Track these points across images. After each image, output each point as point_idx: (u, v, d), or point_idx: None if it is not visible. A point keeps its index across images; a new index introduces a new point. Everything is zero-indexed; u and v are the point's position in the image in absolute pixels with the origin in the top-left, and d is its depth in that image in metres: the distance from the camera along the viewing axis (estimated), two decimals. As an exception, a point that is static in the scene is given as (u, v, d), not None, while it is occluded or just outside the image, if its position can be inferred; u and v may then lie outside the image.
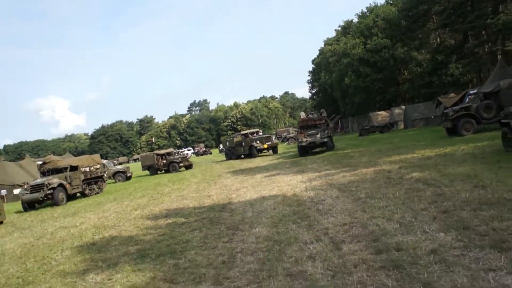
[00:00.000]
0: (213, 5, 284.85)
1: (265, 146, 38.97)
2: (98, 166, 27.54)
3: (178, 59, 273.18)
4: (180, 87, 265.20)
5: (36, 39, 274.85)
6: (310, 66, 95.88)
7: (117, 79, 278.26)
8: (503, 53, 41.83)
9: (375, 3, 69.91)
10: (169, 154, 39.22)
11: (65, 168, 24.76)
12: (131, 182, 32.82)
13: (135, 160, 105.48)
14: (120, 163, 53.86)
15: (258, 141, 38.90)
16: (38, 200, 22.77)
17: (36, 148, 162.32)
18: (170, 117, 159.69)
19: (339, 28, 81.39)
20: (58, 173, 24.58)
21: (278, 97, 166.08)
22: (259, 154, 38.69)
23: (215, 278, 5.97)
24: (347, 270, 5.33)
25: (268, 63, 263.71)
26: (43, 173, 25.20)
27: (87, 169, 26.20)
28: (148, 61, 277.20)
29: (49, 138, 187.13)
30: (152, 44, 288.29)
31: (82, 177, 25.38)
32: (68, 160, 27.36)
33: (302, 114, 35.35)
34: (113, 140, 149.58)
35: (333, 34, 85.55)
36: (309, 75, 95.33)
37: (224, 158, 46.27)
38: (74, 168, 25.00)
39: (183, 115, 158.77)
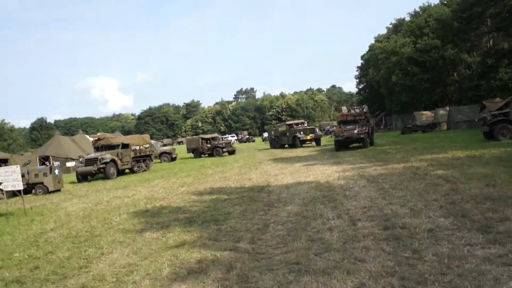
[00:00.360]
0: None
1: (308, 137, 39.47)
2: (147, 146, 29.38)
3: (227, 47, 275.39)
4: (228, 75, 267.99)
5: (90, 21, 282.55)
6: (359, 62, 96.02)
7: (166, 63, 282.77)
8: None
9: (428, 2, 69.68)
10: (213, 139, 40.91)
11: (117, 145, 26.67)
12: (176, 163, 34.57)
13: (179, 143, 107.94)
14: (165, 145, 55.79)
15: (301, 132, 39.63)
16: (91, 173, 24.73)
17: (85, 125, 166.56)
18: (216, 103, 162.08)
19: (391, 26, 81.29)
20: (111, 149, 26.50)
21: (325, 90, 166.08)
22: (302, 145, 39.34)
23: (251, 239, 7.35)
24: (357, 239, 6.62)
25: (317, 55, 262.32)
26: (97, 149, 27.18)
27: (137, 147, 28.04)
28: (198, 47, 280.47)
29: (97, 116, 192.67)
30: (202, 31, 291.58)
31: (132, 154, 27.23)
32: (120, 138, 29.38)
33: (344, 109, 36.43)
34: (159, 122, 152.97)
35: (385, 31, 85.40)
36: (357, 70, 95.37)
37: (267, 146, 47.62)
38: (125, 146, 26.86)
39: (229, 102, 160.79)
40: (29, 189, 20.12)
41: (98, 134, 45.11)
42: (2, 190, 14.38)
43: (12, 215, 13.18)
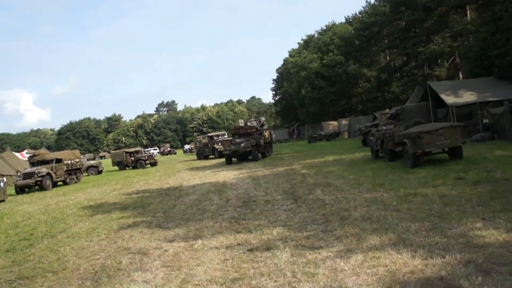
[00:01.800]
0: (182, 7, 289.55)
1: None
2: (77, 160, 33.43)
3: (147, 60, 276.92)
4: (149, 88, 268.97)
5: (3, 31, 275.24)
6: (275, 74, 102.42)
7: (84, 76, 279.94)
8: (433, 76, 49.09)
9: (333, 21, 77.02)
10: (137, 152, 45.29)
11: (52, 160, 30.60)
12: (103, 175, 38.65)
13: (101, 157, 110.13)
14: (92, 159, 59.31)
15: (220, 143, 42.30)
16: (29, 185, 28.52)
17: (1, 141, 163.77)
18: (138, 117, 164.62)
19: (302, 42, 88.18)
20: (46, 164, 30.38)
21: (245, 101, 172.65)
22: (220, 156, 41.59)
23: (164, 212, 12.24)
24: (224, 207, 11.68)
25: (237, 67, 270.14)
26: (33, 164, 30.98)
27: (69, 162, 32.05)
28: (117, 59, 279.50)
29: (12, 132, 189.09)
30: (121, 43, 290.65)
31: (65, 168, 31.24)
32: (54, 153, 33.24)
33: (241, 121, 38.41)
34: (80, 137, 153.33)
35: (297, 46, 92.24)
36: (273, 83, 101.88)
37: (187, 158, 52.21)
38: (58, 161, 30.83)
39: (150, 115, 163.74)
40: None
41: (25, 151, 48.37)
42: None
43: (-19, 216, 17.32)
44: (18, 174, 30.11)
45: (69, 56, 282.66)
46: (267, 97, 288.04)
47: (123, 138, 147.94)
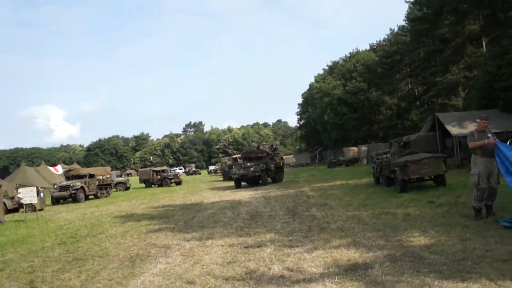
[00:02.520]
0: (211, 27, 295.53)
1: None
2: (108, 176, 36.42)
3: (175, 80, 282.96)
4: (176, 108, 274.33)
5: (35, 48, 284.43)
6: (300, 98, 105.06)
7: (114, 94, 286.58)
8: (450, 106, 51.11)
9: (357, 48, 79.63)
10: (163, 171, 48.24)
11: (85, 175, 33.61)
12: (131, 191, 41.52)
13: (127, 174, 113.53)
14: (120, 176, 62.52)
15: None
16: (64, 197, 31.49)
17: (31, 156, 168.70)
18: (165, 136, 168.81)
19: (327, 67, 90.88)
20: (79, 178, 33.36)
21: (271, 124, 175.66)
22: None
23: (185, 221, 14.75)
24: (235, 220, 14.14)
25: (264, 90, 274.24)
26: (68, 178, 34.01)
27: (100, 177, 35.00)
28: (146, 79, 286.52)
29: (43, 146, 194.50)
30: (150, 62, 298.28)
31: (97, 183, 34.15)
32: (87, 169, 36.27)
33: (253, 145, 39.01)
34: (109, 154, 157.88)
35: (322, 71, 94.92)
36: (298, 107, 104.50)
37: (211, 179, 54.87)
38: (91, 176, 33.80)
39: (177, 135, 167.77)
40: (18, 207, 26.78)
41: (58, 166, 51.58)
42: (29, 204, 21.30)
43: (27, 221, 20.09)
44: (55, 186, 33.09)
45: (98, 75, 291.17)
46: (293, 121, 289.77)
47: (151, 157, 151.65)
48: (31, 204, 26.37)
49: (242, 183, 32.01)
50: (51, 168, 49.33)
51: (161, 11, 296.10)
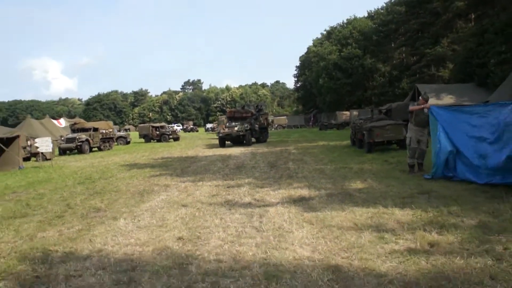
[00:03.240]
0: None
1: None
2: (111, 130, 39.25)
3: (174, 36, 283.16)
4: (176, 65, 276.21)
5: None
6: (298, 61, 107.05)
7: (112, 48, 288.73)
8: (438, 77, 53.66)
9: (354, 15, 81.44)
10: (162, 127, 51.07)
11: (90, 129, 36.37)
12: (131, 145, 44.39)
13: (126, 130, 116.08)
14: (120, 130, 65.35)
15: None
16: (71, 148, 34.28)
17: (30, 108, 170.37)
18: (164, 93, 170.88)
19: (325, 32, 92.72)
20: (84, 131, 36.12)
21: (269, 85, 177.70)
22: None
23: (181, 169, 17.63)
24: (223, 169, 17.02)
25: (264, 51, 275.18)
26: (73, 131, 36.77)
27: (104, 131, 37.80)
28: (145, 34, 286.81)
29: (41, 99, 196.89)
30: (150, 18, 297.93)
31: (100, 136, 36.97)
32: (91, 123, 39.05)
33: (238, 105, 39.85)
34: (107, 109, 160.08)
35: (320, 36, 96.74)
36: (295, 70, 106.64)
37: (208, 136, 57.75)
38: (95, 129, 36.57)
39: (176, 92, 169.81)
40: (29, 157, 29.63)
41: (62, 119, 54.23)
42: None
43: (43, 168, 22.97)
44: (62, 138, 35.88)
45: (97, 28, 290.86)
46: (291, 83, 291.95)
47: (149, 113, 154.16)
48: (42, 153, 29.36)
49: (226, 143, 32.96)
50: (55, 121, 52.06)
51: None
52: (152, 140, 49.60)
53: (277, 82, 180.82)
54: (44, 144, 23.20)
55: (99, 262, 6.08)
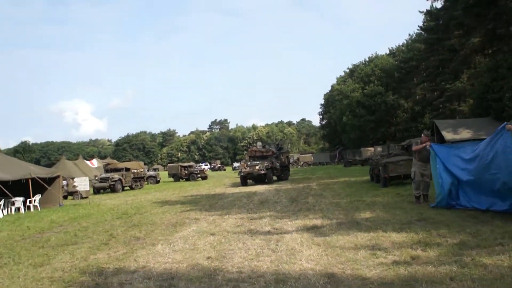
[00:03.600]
0: (235, 24, 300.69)
1: None
2: (142, 170, 41.14)
3: (202, 77, 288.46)
4: (203, 104, 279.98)
5: (64, 42, 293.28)
6: (323, 99, 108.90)
7: (141, 90, 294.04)
8: (459, 112, 54.71)
9: (376, 53, 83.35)
10: (190, 166, 52.98)
11: (122, 169, 38.34)
12: (161, 184, 46.20)
13: (154, 169, 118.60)
14: (149, 170, 67.44)
15: None
16: (104, 187, 36.24)
17: (62, 149, 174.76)
18: (191, 132, 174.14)
19: (347, 70, 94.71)
20: (117, 171, 38.10)
21: (295, 123, 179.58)
22: None
23: (209, 205, 19.17)
24: (248, 205, 18.51)
25: (289, 89, 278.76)
26: (107, 171, 38.78)
27: (135, 170, 39.72)
28: (173, 75, 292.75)
29: (72, 140, 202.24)
30: (177, 59, 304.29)
31: (132, 176, 38.87)
32: (124, 163, 41.08)
33: (259, 144, 40.18)
34: (136, 149, 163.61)
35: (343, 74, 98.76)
36: (320, 107, 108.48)
37: (234, 175, 59.19)
38: (127, 169, 38.53)
39: (203, 132, 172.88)
40: (67, 195, 31.53)
41: (94, 159, 56.48)
42: (77, 192, 26.06)
43: (81, 205, 24.75)
44: (96, 178, 37.90)
45: (126, 70, 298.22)
46: (317, 120, 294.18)
47: (178, 153, 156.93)
48: (79, 192, 31.22)
49: (249, 181, 33.52)
50: (88, 162, 54.37)
51: (189, 9, 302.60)
52: (181, 179, 51.38)
53: (303, 120, 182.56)
54: (82, 184, 25.09)
55: (144, 274, 7.63)
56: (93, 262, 8.93)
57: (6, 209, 22.08)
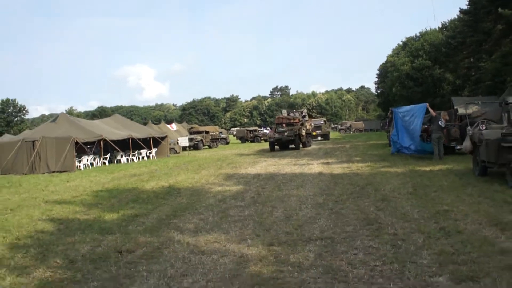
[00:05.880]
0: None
1: (314, 133, 49.31)
2: (217, 132, 52.92)
3: (264, 43, 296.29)
4: (264, 70, 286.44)
5: (127, 9, 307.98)
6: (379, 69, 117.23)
7: (202, 55, 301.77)
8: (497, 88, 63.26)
9: (426, 28, 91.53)
10: (254, 130, 64.57)
11: (202, 132, 50.14)
12: (231, 145, 57.85)
13: (220, 133, 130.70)
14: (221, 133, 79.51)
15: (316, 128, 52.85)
16: (189, 146, 47.93)
17: (130, 113, 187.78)
18: (253, 98, 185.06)
19: (401, 43, 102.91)
20: (199, 134, 49.84)
21: (355, 90, 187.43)
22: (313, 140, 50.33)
23: (272, 155, 30.26)
24: (297, 155, 29.54)
25: (350, 57, 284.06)
26: (191, 133, 50.61)
27: (213, 133, 51.47)
28: (234, 41, 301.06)
29: (138, 104, 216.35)
30: (239, 25, 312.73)
31: (210, 137, 50.59)
32: (204, 127, 53.10)
33: (284, 112, 41.87)
34: (201, 114, 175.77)
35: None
36: (376, 77, 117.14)
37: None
38: (207, 132, 50.28)
39: (265, 98, 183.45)
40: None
41: (173, 123, 68.31)
42: (173, 148, 37.93)
43: (181, 156, 36.30)
44: (177, 139, 49.76)
45: (188, 36, 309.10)
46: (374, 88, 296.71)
47: (241, 118, 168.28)
48: (174, 148, 42.84)
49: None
50: (168, 126, 66.51)
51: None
52: (246, 141, 62.78)
53: (362, 87, 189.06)
54: (183, 141, 36.80)
55: (248, 175, 18.85)
56: (222, 172, 20.26)
57: (136, 158, 33.96)
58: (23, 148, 27.60)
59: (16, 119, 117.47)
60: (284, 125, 36.21)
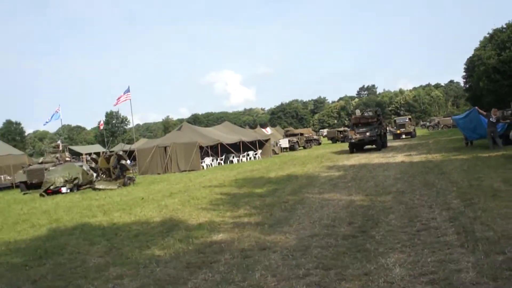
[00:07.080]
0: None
1: (398, 131, 56.58)
2: (311, 134, 58.84)
3: (348, 39, 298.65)
4: (350, 68, 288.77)
5: (212, 16, 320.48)
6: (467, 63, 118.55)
7: (287, 56, 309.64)
8: None
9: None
10: (344, 131, 69.67)
11: (298, 134, 56.16)
12: (323, 145, 63.41)
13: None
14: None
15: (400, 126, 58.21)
16: (286, 147, 53.99)
17: (221, 119, 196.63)
18: (340, 99, 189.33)
19: (487, 35, 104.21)
20: (294, 136, 55.87)
21: (443, 84, 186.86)
22: (400, 138, 56.62)
23: (362, 151, 35.67)
24: (386, 150, 34.82)
25: (436, 49, 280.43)
26: (287, 135, 56.71)
27: (307, 135, 57.39)
28: (318, 40, 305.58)
29: (227, 110, 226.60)
30: (321, 24, 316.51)
31: (304, 138, 56.48)
32: (299, 130, 59.28)
33: (358, 112, 41.08)
34: (290, 117, 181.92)
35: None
36: (464, 71, 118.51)
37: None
38: (301, 134, 56.27)
39: (352, 98, 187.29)
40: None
41: (268, 128, 74.63)
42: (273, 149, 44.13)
43: (280, 156, 42.35)
44: (280, 141, 55.98)
45: (272, 38, 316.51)
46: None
47: (334, 120, 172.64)
48: (273, 149, 48.84)
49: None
50: (263, 130, 73.06)
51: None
52: (337, 141, 68.07)
53: (451, 81, 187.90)
54: (284, 143, 42.92)
55: (340, 168, 24.49)
56: (324, 164, 26.03)
57: (246, 158, 40.36)
58: (156, 153, 34.76)
59: (119, 129, 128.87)
60: (361, 124, 36.45)
